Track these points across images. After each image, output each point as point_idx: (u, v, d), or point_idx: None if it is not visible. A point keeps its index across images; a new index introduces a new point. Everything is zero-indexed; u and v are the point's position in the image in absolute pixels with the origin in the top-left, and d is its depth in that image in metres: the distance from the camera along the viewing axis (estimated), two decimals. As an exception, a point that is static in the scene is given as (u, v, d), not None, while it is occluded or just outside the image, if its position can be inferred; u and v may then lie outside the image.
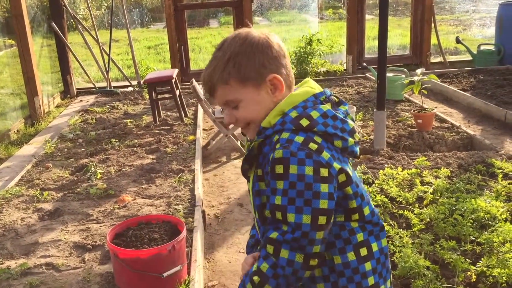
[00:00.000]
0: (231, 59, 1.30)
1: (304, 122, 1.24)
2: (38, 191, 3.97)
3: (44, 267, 2.91)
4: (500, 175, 3.48)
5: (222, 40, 1.37)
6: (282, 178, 1.20)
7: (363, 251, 1.30)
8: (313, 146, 1.22)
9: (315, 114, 1.27)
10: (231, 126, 1.49)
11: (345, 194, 1.28)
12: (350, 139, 1.30)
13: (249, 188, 1.38)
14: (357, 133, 1.33)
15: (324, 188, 1.20)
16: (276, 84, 1.32)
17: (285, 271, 1.21)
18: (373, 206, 1.36)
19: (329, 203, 1.21)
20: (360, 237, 1.31)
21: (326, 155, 1.22)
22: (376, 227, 1.35)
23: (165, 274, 2.51)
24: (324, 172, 1.20)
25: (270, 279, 1.22)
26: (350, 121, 1.32)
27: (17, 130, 5.99)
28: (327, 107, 1.30)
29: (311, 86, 1.36)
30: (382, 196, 3.23)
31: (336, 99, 1.38)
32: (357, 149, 1.33)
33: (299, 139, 1.22)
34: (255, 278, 1.24)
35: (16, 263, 2.97)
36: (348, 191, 1.28)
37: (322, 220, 1.20)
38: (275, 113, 1.30)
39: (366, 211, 1.32)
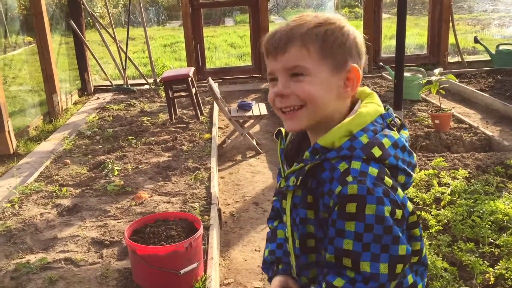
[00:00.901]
0: (325, 24, 1.07)
1: (377, 152, 1.03)
2: (57, 187, 4.03)
3: (63, 262, 2.96)
4: (519, 177, 3.44)
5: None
6: (354, 218, 0.99)
7: None
8: (388, 181, 1.02)
9: (387, 142, 1.06)
10: (275, 100, 1.07)
11: (411, 236, 1.11)
12: (414, 175, 1.12)
13: (286, 208, 1.17)
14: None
15: (401, 232, 1.02)
16: (353, 79, 1.10)
17: None
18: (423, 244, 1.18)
19: (407, 249, 1.02)
20: (410, 279, 1.13)
21: (401, 193, 1.04)
22: (422, 267, 1.18)
23: (182, 271, 2.53)
24: (399, 213, 1.02)
25: None
26: (414, 154, 1.14)
27: (36, 127, 6.08)
28: (397, 134, 1.10)
29: (378, 104, 1.13)
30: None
31: (399, 121, 1.17)
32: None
33: (373, 171, 1.02)
34: None
35: (35, 257, 3.02)
36: (416, 233, 1.12)
37: (399, 268, 1.01)
38: (341, 133, 1.06)
39: (423, 252, 1.17)
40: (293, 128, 1.13)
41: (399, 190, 1.04)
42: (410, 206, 1.06)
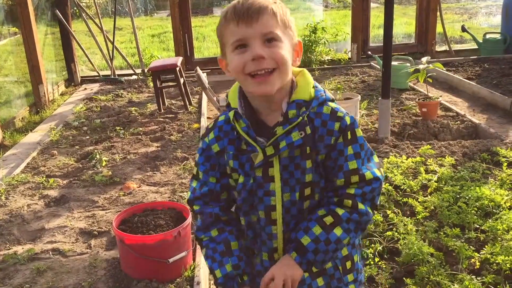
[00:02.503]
0: (280, 2, 1.27)
1: (330, 95, 1.32)
2: (44, 178, 4.00)
3: (51, 253, 2.94)
4: (505, 164, 3.48)
5: None
6: (352, 142, 1.28)
7: None
8: None
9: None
10: (246, 65, 1.20)
11: None
12: None
13: (274, 174, 1.28)
14: None
15: None
16: (298, 51, 1.31)
17: (361, 219, 1.27)
18: None
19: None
20: None
21: None
22: None
23: (170, 260, 2.53)
24: None
25: (343, 222, 1.26)
26: None
27: (22, 118, 6.01)
28: None
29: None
30: (387, 184, 3.24)
31: None
32: None
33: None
34: (327, 218, 1.26)
35: (23, 248, 3.01)
36: None
37: (382, 171, 1.33)
38: (310, 85, 1.30)
39: None
40: (266, 90, 1.23)
41: None
42: None
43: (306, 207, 1.31)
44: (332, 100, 1.31)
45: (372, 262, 2.54)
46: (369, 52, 7.62)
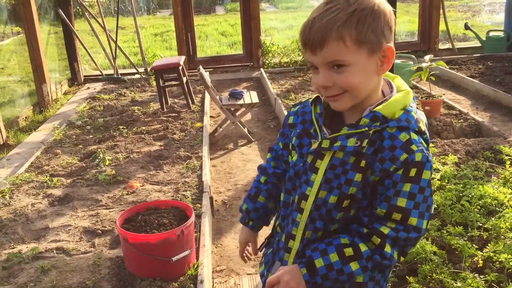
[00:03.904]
0: (357, 12, 1.13)
1: (422, 127, 1.22)
2: (48, 177, 4.02)
3: (55, 251, 2.96)
4: (508, 162, 3.47)
5: None
6: (412, 181, 1.17)
7: None
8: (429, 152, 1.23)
9: (423, 120, 1.25)
10: (319, 89, 1.22)
11: None
12: None
13: (319, 167, 1.26)
14: None
15: None
16: (388, 57, 1.20)
17: (382, 261, 1.20)
18: None
19: None
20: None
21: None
22: None
23: (174, 258, 2.54)
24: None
25: (363, 259, 1.20)
26: None
27: (26, 117, 6.03)
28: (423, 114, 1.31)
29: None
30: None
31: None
32: None
33: (424, 143, 1.20)
34: (348, 250, 1.20)
35: (27, 247, 3.02)
36: None
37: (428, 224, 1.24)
38: (399, 106, 1.22)
39: None
40: (339, 108, 1.24)
41: None
42: None
43: (339, 217, 1.26)
44: (419, 132, 1.20)
45: (375, 261, 2.55)
46: (372, 50, 7.60)
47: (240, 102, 5.04)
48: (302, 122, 1.35)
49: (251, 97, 5.14)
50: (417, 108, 1.28)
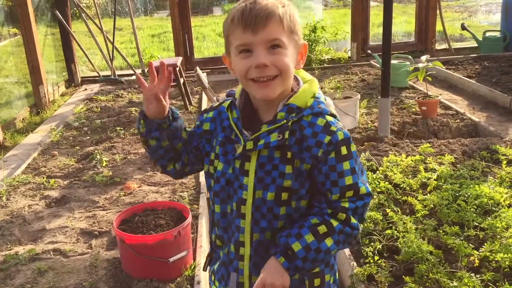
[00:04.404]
0: (287, 5, 1.27)
1: (333, 111, 1.32)
2: (45, 179, 4.01)
3: (52, 253, 2.96)
4: (504, 162, 3.48)
5: None
6: (347, 158, 1.27)
7: None
8: None
9: (331, 105, 1.37)
10: (249, 70, 1.24)
11: None
12: None
13: (249, 169, 1.30)
14: None
15: None
16: (303, 54, 1.33)
17: (352, 232, 1.28)
18: None
19: None
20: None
21: None
22: None
23: (171, 259, 2.54)
24: None
25: (335, 233, 1.26)
26: None
27: (23, 119, 6.02)
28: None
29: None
30: (386, 183, 3.24)
31: None
32: None
33: (339, 123, 1.31)
34: (321, 228, 1.25)
35: (24, 249, 3.02)
36: None
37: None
38: (309, 95, 1.31)
39: None
40: (268, 95, 1.27)
41: None
42: None
43: (282, 213, 1.30)
44: (332, 115, 1.30)
45: (371, 261, 2.55)
46: (369, 51, 7.62)
47: (237, 103, 5.03)
48: (223, 130, 1.37)
49: (248, 98, 5.13)
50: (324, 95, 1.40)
